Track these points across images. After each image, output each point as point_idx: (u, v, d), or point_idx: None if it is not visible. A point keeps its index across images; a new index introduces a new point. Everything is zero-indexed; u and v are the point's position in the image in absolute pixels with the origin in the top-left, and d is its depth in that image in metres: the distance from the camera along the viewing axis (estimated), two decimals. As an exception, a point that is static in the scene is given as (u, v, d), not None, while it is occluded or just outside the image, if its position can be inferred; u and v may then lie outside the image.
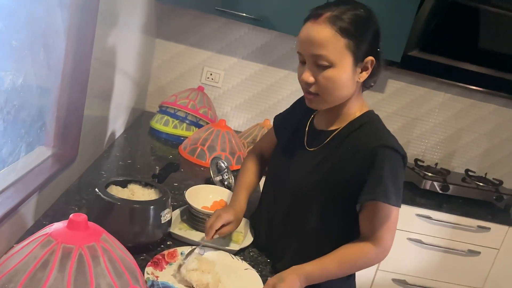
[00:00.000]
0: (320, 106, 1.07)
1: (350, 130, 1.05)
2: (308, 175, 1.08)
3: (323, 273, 1.01)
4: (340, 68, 0.97)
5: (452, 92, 2.46)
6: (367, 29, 0.98)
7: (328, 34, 0.94)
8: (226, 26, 2.28)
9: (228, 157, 1.77)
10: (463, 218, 2.04)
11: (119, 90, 1.66)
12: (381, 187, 0.96)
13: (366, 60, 0.99)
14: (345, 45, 0.95)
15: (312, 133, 1.14)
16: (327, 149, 1.07)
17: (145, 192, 1.12)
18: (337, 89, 0.99)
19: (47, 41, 1.03)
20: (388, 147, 0.98)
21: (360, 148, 1.00)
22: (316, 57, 0.97)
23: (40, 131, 1.11)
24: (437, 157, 2.56)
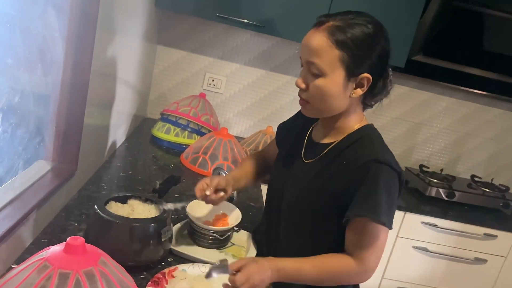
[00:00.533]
0: (310, 114, 1.05)
1: (345, 145, 1.02)
2: (301, 189, 1.06)
3: (299, 274, 0.97)
4: (330, 79, 0.95)
5: (457, 97, 2.43)
6: (369, 46, 0.94)
7: (323, 43, 0.93)
8: (228, 32, 2.26)
9: (230, 166, 1.75)
10: (469, 225, 2.01)
11: (120, 98, 1.64)
12: (371, 203, 0.93)
13: (361, 76, 0.95)
14: (339, 57, 0.93)
15: (310, 144, 1.12)
16: (322, 163, 1.04)
17: (146, 208, 1.10)
18: (326, 100, 0.97)
19: (44, 55, 1.01)
20: (382, 163, 0.94)
21: (353, 162, 0.97)
22: (310, 64, 0.96)
23: (38, 146, 1.09)
24: (442, 163, 2.53)
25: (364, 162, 0.95)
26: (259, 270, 0.93)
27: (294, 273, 0.97)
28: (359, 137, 1.02)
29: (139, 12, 1.71)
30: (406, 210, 1.98)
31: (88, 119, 1.26)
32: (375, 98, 1.03)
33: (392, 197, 0.95)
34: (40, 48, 0.98)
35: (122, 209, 1.07)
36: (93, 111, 1.33)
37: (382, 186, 0.93)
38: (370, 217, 0.93)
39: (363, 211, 0.93)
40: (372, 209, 0.92)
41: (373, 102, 1.05)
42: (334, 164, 1.01)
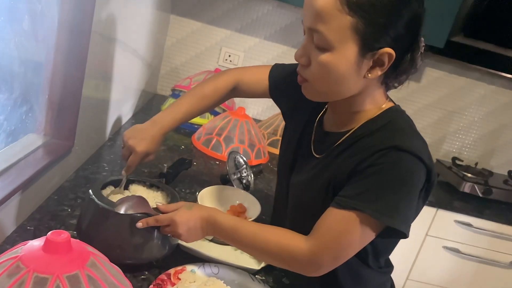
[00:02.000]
0: (312, 97, 0.82)
1: (363, 133, 0.79)
2: (305, 186, 0.87)
3: (234, 235, 0.83)
4: (338, 55, 0.72)
5: (497, 84, 2.20)
6: (394, 10, 0.69)
7: (331, 4, 0.69)
8: (248, 2, 2.06)
9: (246, 150, 1.57)
10: (507, 226, 1.82)
11: (126, 69, 1.46)
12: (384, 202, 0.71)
13: (381, 52, 0.72)
14: (351, 25, 0.69)
15: (319, 134, 0.90)
16: (331, 157, 0.83)
17: (150, 195, 0.94)
18: (331, 80, 0.75)
19: (34, 6, 0.83)
20: (403, 150, 0.72)
21: (367, 151, 0.75)
22: (313, 32, 0.73)
23: (25, 117, 0.92)
24: (475, 155, 2.32)
25: (379, 149, 0.73)
26: (189, 219, 0.81)
27: (230, 232, 0.82)
28: (382, 125, 0.78)
29: (151, -26, 1.52)
30: (437, 207, 1.80)
31: (87, 90, 1.09)
32: (399, 78, 0.79)
33: (410, 194, 0.73)
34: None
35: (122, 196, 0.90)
36: (94, 82, 1.15)
37: (396, 176, 0.72)
38: (385, 222, 0.72)
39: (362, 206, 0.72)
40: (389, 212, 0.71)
41: (396, 84, 0.80)
42: (344, 154, 0.80)
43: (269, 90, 1.06)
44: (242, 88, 1.10)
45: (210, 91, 1.08)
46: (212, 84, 1.09)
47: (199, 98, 1.07)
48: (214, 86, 1.08)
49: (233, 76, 1.10)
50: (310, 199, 0.86)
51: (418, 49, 0.77)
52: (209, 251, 0.93)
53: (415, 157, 0.72)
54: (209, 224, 0.82)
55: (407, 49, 0.75)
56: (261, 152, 1.63)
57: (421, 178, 0.74)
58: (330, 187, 0.80)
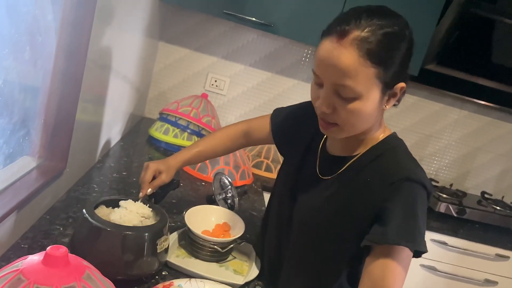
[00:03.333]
0: (340, 136, 0.89)
1: (369, 159, 0.89)
2: (317, 210, 0.93)
3: None
4: (367, 100, 0.80)
5: (469, 109, 2.33)
6: (399, 49, 0.79)
7: (354, 62, 0.76)
8: (234, 31, 2.16)
9: (231, 172, 1.64)
10: (481, 245, 1.91)
11: (116, 94, 1.52)
12: (407, 229, 0.79)
13: (396, 87, 0.82)
14: (375, 75, 0.78)
15: (324, 157, 0.98)
16: (341, 180, 0.91)
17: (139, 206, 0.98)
18: (361, 122, 0.84)
19: (35, 38, 0.90)
20: (414, 181, 0.81)
21: (380, 180, 0.84)
22: (339, 87, 0.80)
23: (22, 141, 0.97)
24: (450, 177, 2.43)
25: (394, 180, 0.82)
26: None
27: None
28: (385, 150, 0.89)
29: (141, 5, 1.60)
30: (414, 226, 1.87)
31: (80, 114, 1.15)
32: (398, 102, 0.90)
33: (425, 219, 0.83)
34: (29, 29, 0.87)
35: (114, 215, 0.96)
36: (87, 106, 1.21)
37: (417, 208, 0.80)
38: (408, 247, 0.79)
39: (399, 239, 0.78)
40: (410, 237, 0.79)
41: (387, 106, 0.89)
42: (356, 181, 0.88)
43: (272, 132, 1.15)
44: (251, 135, 1.20)
45: (223, 137, 1.21)
46: (224, 132, 1.22)
47: (212, 143, 1.20)
48: (227, 133, 1.21)
49: (242, 125, 1.22)
50: (322, 221, 0.91)
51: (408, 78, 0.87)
52: (195, 267, 0.99)
53: (421, 185, 0.82)
54: None
55: (406, 77, 0.86)
56: (245, 173, 1.69)
57: (426, 202, 0.84)
58: (347, 213, 0.87)
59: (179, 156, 1.17)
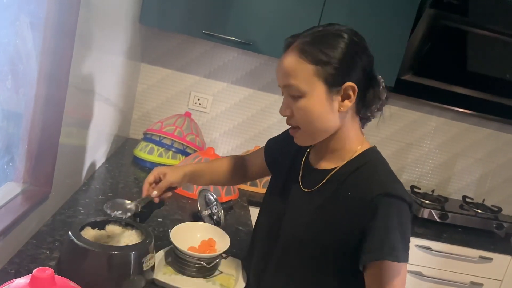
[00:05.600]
0: (305, 142, 0.96)
1: (348, 172, 0.92)
2: (303, 223, 0.96)
3: None
4: (311, 97, 0.88)
5: (446, 117, 2.40)
6: (345, 53, 0.87)
7: (294, 61, 0.88)
8: (214, 50, 2.20)
9: (217, 188, 1.66)
10: (464, 248, 1.95)
11: (100, 117, 1.55)
12: (387, 244, 0.82)
13: (344, 86, 0.87)
14: (314, 72, 0.86)
15: (307, 170, 1.02)
16: (324, 193, 0.94)
17: (126, 233, 1.01)
18: (314, 120, 0.90)
19: (16, 67, 0.92)
20: (392, 196, 0.85)
21: (360, 195, 0.87)
22: (288, 88, 0.90)
23: (7, 167, 0.99)
24: (432, 183, 2.49)
25: (373, 196, 0.85)
26: None
27: None
28: (363, 164, 0.92)
29: (122, 28, 1.64)
30: (399, 233, 1.91)
31: (64, 139, 1.17)
32: (370, 108, 0.94)
33: (406, 231, 0.86)
34: (11, 59, 0.89)
35: (99, 236, 0.97)
36: (70, 130, 1.23)
37: (396, 222, 0.84)
38: (389, 259, 0.82)
39: (379, 255, 0.82)
40: (389, 251, 0.82)
41: (369, 114, 0.95)
42: (339, 196, 0.91)
43: (265, 156, 1.21)
44: (247, 166, 1.27)
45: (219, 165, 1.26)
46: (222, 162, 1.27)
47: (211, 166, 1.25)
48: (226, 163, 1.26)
49: (237, 159, 1.28)
50: (307, 235, 0.94)
51: (378, 85, 0.93)
52: (182, 284, 1.00)
53: (400, 200, 0.85)
54: None
55: (367, 84, 0.91)
56: (231, 189, 1.72)
57: (408, 214, 0.87)
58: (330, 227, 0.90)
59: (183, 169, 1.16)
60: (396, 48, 1.96)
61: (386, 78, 1.98)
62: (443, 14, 1.99)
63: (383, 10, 1.90)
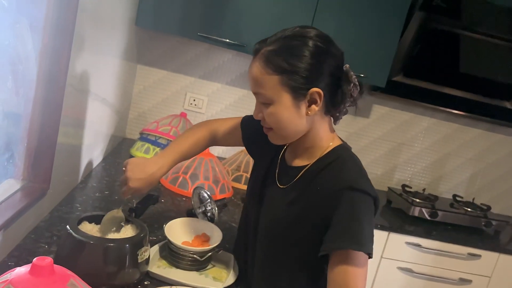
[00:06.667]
0: (277, 142, 1.01)
1: (319, 168, 0.97)
2: (277, 217, 1.01)
3: None
4: (279, 105, 0.91)
5: (437, 117, 2.45)
6: (309, 61, 0.89)
7: (259, 72, 0.91)
8: (209, 52, 2.25)
9: (211, 186, 1.70)
10: (453, 245, 1.99)
11: (97, 116, 1.59)
12: (352, 234, 0.87)
13: (310, 92, 0.90)
14: (279, 81, 0.89)
15: (283, 167, 1.07)
16: (296, 189, 0.99)
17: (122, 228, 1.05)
18: (283, 125, 0.94)
19: (16, 68, 0.96)
20: (356, 189, 0.89)
21: (327, 189, 0.92)
22: (257, 95, 0.94)
23: (7, 164, 1.03)
24: (424, 182, 2.53)
25: (337, 189, 0.89)
26: None
27: None
28: (332, 160, 0.96)
29: (118, 30, 1.68)
30: (390, 230, 1.96)
31: (62, 138, 1.21)
32: (339, 108, 0.97)
33: (370, 224, 0.90)
34: (11, 60, 0.93)
35: (96, 230, 1.01)
36: (68, 129, 1.27)
37: (359, 214, 0.88)
38: (353, 249, 0.86)
39: (345, 244, 0.86)
40: (355, 240, 0.86)
41: (338, 114, 0.98)
42: (309, 191, 0.96)
43: (243, 139, 1.23)
44: (220, 137, 1.27)
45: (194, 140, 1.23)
46: (194, 134, 1.24)
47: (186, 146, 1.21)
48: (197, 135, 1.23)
49: (211, 127, 1.26)
50: (281, 229, 0.99)
51: (347, 83, 0.94)
52: (176, 276, 1.04)
53: (363, 193, 0.89)
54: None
55: (335, 86, 0.94)
56: (225, 187, 1.76)
57: (372, 208, 0.91)
58: (299, 220, 0.95)
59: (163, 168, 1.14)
60: (387, 50, 2.01)
61: (377, 79, 2.06)
62: (432, 17, 2.04)
63: (373, 13, 1.95)
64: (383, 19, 1.97)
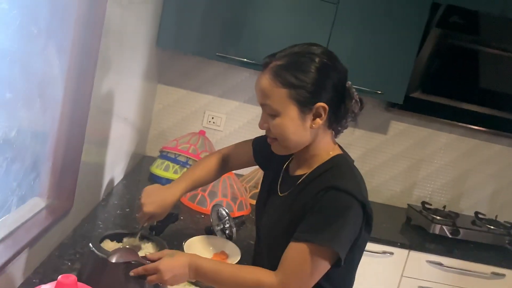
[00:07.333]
0: (280, 152, 1.05)
1: (315, 175, 1.00)
2: (275, 224, 1.05)
3: (214, 277, 0.95)
4: (285, 117, 0.95)
5: (456, 133, 2.43)
6: (316, 77, 0.94)
7: (268, 85, 0.94)
8: (227, 71, 2.29)
9: (229, 203, 1.72)
10: (476, 264, 1.95)
11: (118, 135, 1.63)
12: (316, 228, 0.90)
13: (316, 107, 0.95)
14: (287, 95, 0.93)
15: (285, 178, 1.11)
16: (292, 195, 1.03)
17: (143, 246, 1.07)
18: (288, 136, 0.97)
19: (44, 91, 1.01)
20: (341, 190, 0.91)
21: (316, 191, 0.95)
22: (264, 106, 0.98)
23: (33, 183, 1.07)
24: (444, 200, 2.49)
25: (323, 187, 0.93)
26: (173, 266, 0.93)
27: (210, 274, 0.95)
28: (329, 167, 1.00)
29: (140, 51, 1.74)
30: (410, 248, 1.93)
31: (85, 157, 1.25)
32: (341, 123, 1.02)
33: (348, 225, 0.91)
34: (39, 83, 0.98)
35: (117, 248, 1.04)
36: (91, 148, 1.31)
37: (335, 212, 0.90)
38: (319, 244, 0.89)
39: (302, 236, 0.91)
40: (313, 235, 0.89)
41: (339, 127, 1.04)
42: (303, 195, 0.99)
43: (253, 155, 1.28)
44: (232, 161, 1.32)
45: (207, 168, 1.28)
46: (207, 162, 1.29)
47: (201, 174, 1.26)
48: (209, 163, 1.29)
49: (222, 153, 1.32)
50: (279, 234, 1.02)
51: (350, 99, 1.00)
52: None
53: (348, 194, 0.91)
54: (191, 269, 0.95)
55: (339, 101, 0.99)
56: (243, 204, 1.77)
57: (357, 212, 0.93)
58: (292, 225, 0.97)
59: (176, 193, 1.19)
60: (404, 67, 2.01)
61: (394, 95, 2.06)
62: (449, 33, 2.04)
63: (390, 30, 1.97)
64: (399, 36, 1.98)
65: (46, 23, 0.95)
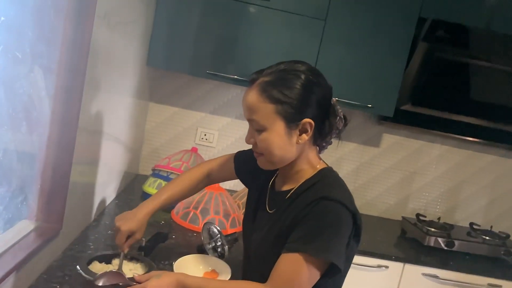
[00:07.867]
0: (266, 167, 1.05)
1: (303, 189, 1.01)
2: (264, 239, 1.05)
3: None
4: (272, 132, 0.97)
5: (449, 144, 2.44)
6: (302, 94, 0.96)
7: (256, 100, 0.96)
8: (218, 88, 2.30)
9: (222, 221, 1.71)
10: (472, 276, 1.94)
11: (109, 155, 1.63)
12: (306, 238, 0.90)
13: (302, 122, 0.97)
14: (274, 110, 0.95)
15: (272, 194, 1.12)
16: (280, 211, 1.03)
17: (131, 267, 1.06)
18: (274, 151, 0.98)
19: (30, 114, 1.01)
20: (330, 199, 0.93)
21: (305, 203, 0.96)
22: (251, 121, 0.99)
23: (21, 206, 1.06)
24: (439, 211, 2.49)
25: (313, 199, 0.94)
26: (160, 286, 0.92)
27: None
28: (317, 181, 1.01)
29: (130, 70, 1.75)
30: (405, 262, 1.92)
31: (75, 177, 1.24)
32: (325, 139, 1.04)
33: (339, 234, 0.92)
34: (25, 106, 0.98)
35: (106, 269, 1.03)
36: (80, 168, 1.31)
37: (327, 221, 0.91)
38: (310, 254, 0.90)
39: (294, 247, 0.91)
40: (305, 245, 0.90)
41: (324, 143, 1.06)
42: (290, 210, 1.00)
43: (235, 170, 1.29)
44: (214, 175, 1.33)
45: (187, 182, 1.29)
46: (188, 176, 1.31)
47: (178, 188, 1.28)
48: (191, 177, 1.31)
49: (205, 167, 1.33)
50: (266, 249, 1.02)
51: (334, 116, 1.02)
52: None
53: (339, 204, 0.93)
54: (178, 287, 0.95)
55: (323, 117, 1.00)
56: (236, 221, 1.76)
57: (347, 221, 0.94)
58: (282, 239, 0.97)
59: (149, 207, 1.20)
60: (393, 80, 2.03)
61: (385, 109, 2.07)
62: (436, 47, 2.07)
63: (377, 44, 1.99)
64: (387, 50, 2.00)
65: (32, 45, 0.96)
